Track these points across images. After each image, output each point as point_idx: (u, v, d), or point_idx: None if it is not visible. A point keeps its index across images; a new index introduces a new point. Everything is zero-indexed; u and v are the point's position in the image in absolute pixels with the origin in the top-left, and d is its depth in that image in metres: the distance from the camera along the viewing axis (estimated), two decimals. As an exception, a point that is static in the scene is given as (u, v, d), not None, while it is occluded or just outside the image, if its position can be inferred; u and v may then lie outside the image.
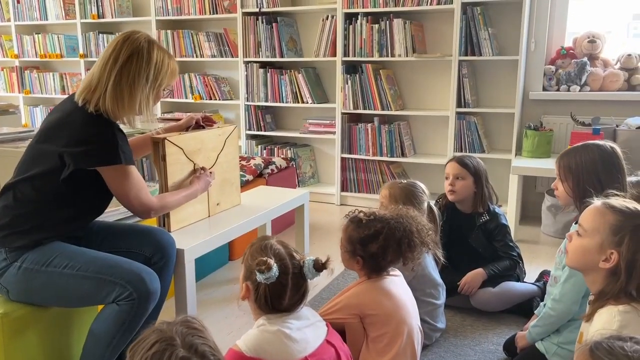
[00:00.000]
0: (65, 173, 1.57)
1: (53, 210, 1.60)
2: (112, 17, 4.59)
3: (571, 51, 3.57)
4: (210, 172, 2.15)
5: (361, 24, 3.76)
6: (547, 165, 3.09)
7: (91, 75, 1.65)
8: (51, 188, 1.59)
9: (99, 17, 4.66)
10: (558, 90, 3.55)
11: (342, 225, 1.70)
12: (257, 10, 4.03)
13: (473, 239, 2.32)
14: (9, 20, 5.09)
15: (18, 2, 5.00)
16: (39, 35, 5.00)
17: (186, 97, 4.52)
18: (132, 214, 2.12)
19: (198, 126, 2.17)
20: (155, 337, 1.00)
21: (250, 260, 1.40)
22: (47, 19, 4.91)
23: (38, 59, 5.07)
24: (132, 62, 1.63)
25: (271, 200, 2.48)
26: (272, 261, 1.36)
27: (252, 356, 1.33)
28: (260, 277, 1.35)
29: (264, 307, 1.40)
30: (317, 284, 2.55)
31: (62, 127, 1.62)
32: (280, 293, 1.38)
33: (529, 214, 3.67)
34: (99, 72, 1.63)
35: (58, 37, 4.92)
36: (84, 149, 1.56)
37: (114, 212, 2.10)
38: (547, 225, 3.36)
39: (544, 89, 3.60)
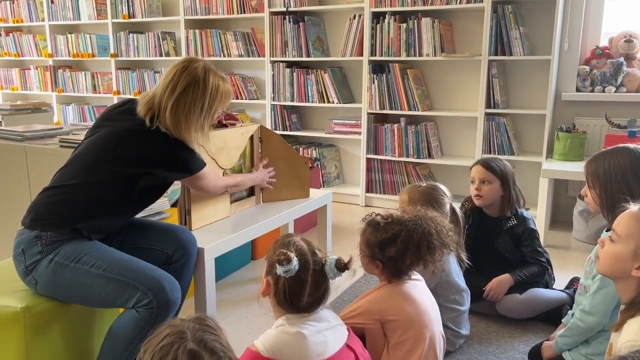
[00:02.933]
0: (141, 183, 1.66)
1: (103, 213, 1.64)
2: (142, 17, 4.65)
3: (607, 51, 3.45)
4: (270, 171, 2.34)
5: (389, 23, 3.72)
6: (579, 169, 2.95)
7: (153, 94, 1.72)
8: (109, 195, 1.64)
9: (129, 17, 4.73)
10: (592, 91, 3.44)
11: (359, 229, 1.66)
12: (284, 9, 4.02)
13: (500, 243, 2.25)
14: (43, 20, 5.22)
15: (52, 2, 5.12)
16: (72, 35, 5.11)
17: (213, 96, 4.54)
18: (155, 212, 2.18)
19: (221, 125, 2.17)
20: (167, 332, 1.01)
21: (272, 255, 1.39)
22: (79, 19, 5.01)
23: (71, 58, 5.18)
24: (189, 93, 1.70)
25: (293, 200, 2.46)
26: (292, 254, 1.34)
27: (269, 357, 1.31)
28: (279, 270, 1.34)
29: (283, 303, 1.38)
30: (339, 285, 2.52)
31: (138, 142, 1.68)
32: (299, 289, 1.36)
33: (560, 218, 3.57)
34: (159, 96, 1.70)
35: (90, 36, 5.01)
36: (174, 165, 1.71)
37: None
38: (579, 231, 3.26)
39: (578, 90, 3.49)
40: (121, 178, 1.64)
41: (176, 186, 2.20)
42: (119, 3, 4.76)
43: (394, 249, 1.56)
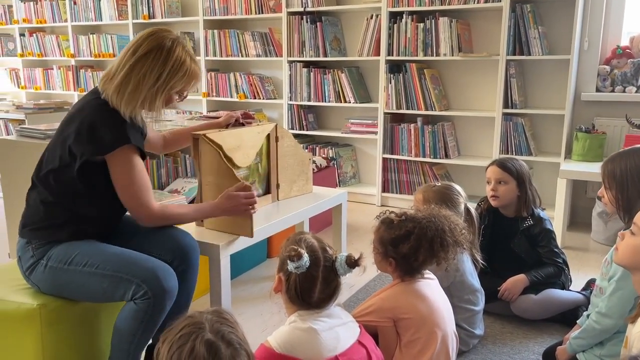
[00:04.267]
0: (76, 166, 1.56)
1: (72, 207, 1.61)
2: (162, 17, 4.71)
3: (628, 50, 3.40)
4: (251, 198, 1.83)
5: (406, 23, 3.71)
6: (598, 170, 2.93)
7: (112, 63, 1.66)
8: (66, 184, 1.59)
9: (149, 17, 4.79)
10: (613, 91, 3.40)
11: (373, 227, 1.67)
12: (302, 9, 4.04)
13: (515, 244, 2.24)
14: (66, 21, 5.31)
15: (75, 3, 5.21)
16: (94, 35, 5.20)
17: (231, 96, 4.59)
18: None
19: (237, 124, 2.19)
20: (185, 322, 1.04)
21: (283, 252, 1.41)
22: (101, 20, 5.09)
23: (92, 58, 5.27)
24: (149, 57, 1.60)
25: (308, 199, 2.48)
26: (302, 251, 1.36)
27: (282, 353, 1.33)
28: (290, 266, 1.36)
29: (295, 299, 1.40)
30: (353, 284, 2.53)
31: (74, 118, 1.61)
32: (310, 285, 1.38)
33: (579, 220, 3.53)
34: (117, 61, 1.63)
35: (111, 37, 5.09)
36: (91, 137, 1.54)
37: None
38: (598, 233, 3.21)
39: (597, 90, 3.45)
40: (61, 165, 1.58)
41: (193, 184, 2.23)
42: (140, 4, 4.83)
43: (407, 246, 1.57)
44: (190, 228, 1.93)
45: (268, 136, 2.33)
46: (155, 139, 2.01)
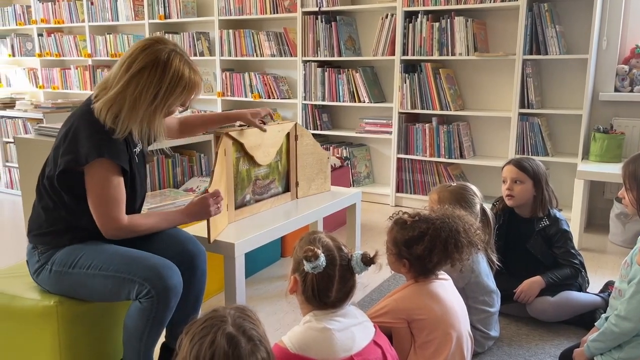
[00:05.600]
0: (55, 173, 1.54)
1: (66, 216, 1.59)
2: (178, 18, 4.75)
3: (647, 50, 3.35)
4: (219, 200, 1.81)
5: (421, 22, 3.70)
6: (617, 171, 2.88)
7: (109, 74, 1.58)
8: (57, 192, 1.58)
9: (165, 17, 4.83)
10: (632, 91, 3.35)
11: (386, 228, 1.66)
12: (317, 9, 4.04)
13: (531, 244, 2.22)
14: (83, 21, 5.37)
15: (92, 4, 5.27)
16: (110, 35, 5.25)
17: (245, 96, 4.60)
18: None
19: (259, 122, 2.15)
20: (208, 316, 1.06)
21: (298, 253, 1.41)
22: (117, 20, 5.14)
23: (109, 58, 5.31)
24: (144, 74, 1.51)
25: (323, 199, 2.48)
26: (319, 250, 1.35)
27: (296, 353, 1.33)
28: (307, 267, 1.35)
29: (312, 299, 1.39)
30: (367, 284, 2.53)
31: (65, 124, 1.58)
32: (327, 284, 1.37)
33: (596, 221, 3.48)
34: (113, 72, 1.56)
35: (127, 37, 5.14)
36: (69, 147, 1.51)
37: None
38: (615, 234, 3.17)
39: (616, 90, 3.40)
40: (51, 173, 1.56)
41: (207, 183, 2.23)
42: (156, 4, 4.87)
43: (421, 247, 1.55)
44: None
45: (287, 135, 2.34)
46: (171, 124, 1.98)
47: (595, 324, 1.82)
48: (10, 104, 4.44)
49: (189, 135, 2.09)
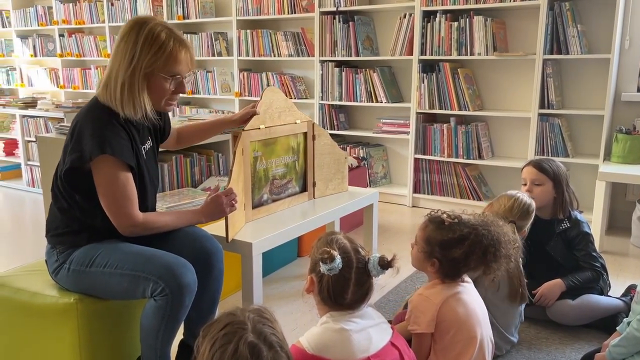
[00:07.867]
0: (62, 172, 1.56)
1: (80, 216, 1.61)
2: (196, 18, 4.78)
3: (671, 49, 3.29)
4: (233, 198, 1.80)
5: (440, 22, 3.67)
6: (639, 172, 2.87)
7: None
8: (69, 193, 1.59)
9: (184, 17, 4.86)
10: (655, 91, 3.29)
11: (420, 224, 1.64)
12: (334, 9, 4.04)
13: (552, 247, 2.18)
14: (103, 21, 5.44)
15: (112, 4, 5.33)
16: (130, 35, 5.29)
17: (263, 96, 4.61)
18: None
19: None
20: (227, 320, 1.05)
21: (315, 253, 1.40)
22: (137, 21, 5.18)
23: (128, 58, 5.36)
24: (122, 41, 1.55)
25: (339, 199, 2.47)
26: (335, 252, 1.35)
27: (314, 354, 1.32)
28: (323, 268, 1.34)
29: (327, 300, 1.38)
30: (384, 285, 2.51)
31: (73, 120, 1.61)
32: (343, 287, 1.36)
33: (618, 224, 3.42)
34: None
35: (146, 37, 5.18)
36: (75, 145, 1.53)
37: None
38: (638, 237, 3.11)
39: (639, 90, 3.34)
40: (61, 175, 1.59)
41: (225, 182, 2.25)
42: (174, 4, 4.91)
43: (460, 251, 1.54)
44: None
45: (305, 134, 2.34)
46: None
47: (617, 328, 1.79)
48: (32, 103, 4.52)
49: (187, 145, 2.10)
